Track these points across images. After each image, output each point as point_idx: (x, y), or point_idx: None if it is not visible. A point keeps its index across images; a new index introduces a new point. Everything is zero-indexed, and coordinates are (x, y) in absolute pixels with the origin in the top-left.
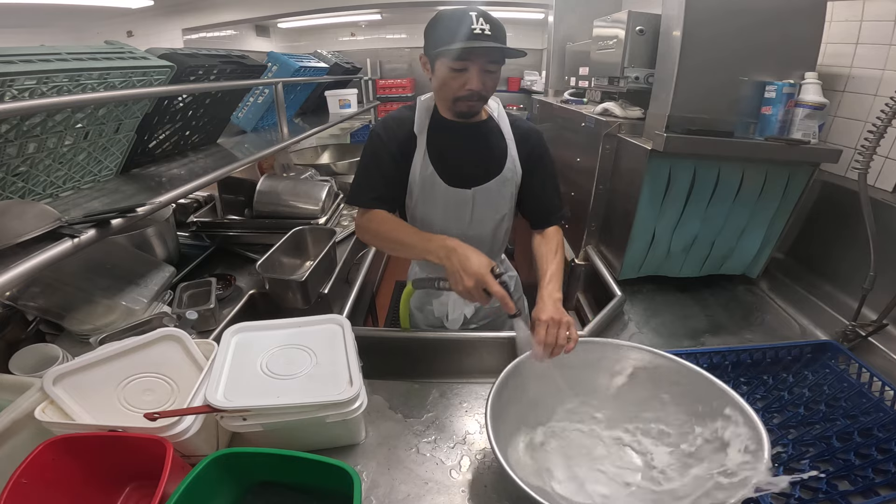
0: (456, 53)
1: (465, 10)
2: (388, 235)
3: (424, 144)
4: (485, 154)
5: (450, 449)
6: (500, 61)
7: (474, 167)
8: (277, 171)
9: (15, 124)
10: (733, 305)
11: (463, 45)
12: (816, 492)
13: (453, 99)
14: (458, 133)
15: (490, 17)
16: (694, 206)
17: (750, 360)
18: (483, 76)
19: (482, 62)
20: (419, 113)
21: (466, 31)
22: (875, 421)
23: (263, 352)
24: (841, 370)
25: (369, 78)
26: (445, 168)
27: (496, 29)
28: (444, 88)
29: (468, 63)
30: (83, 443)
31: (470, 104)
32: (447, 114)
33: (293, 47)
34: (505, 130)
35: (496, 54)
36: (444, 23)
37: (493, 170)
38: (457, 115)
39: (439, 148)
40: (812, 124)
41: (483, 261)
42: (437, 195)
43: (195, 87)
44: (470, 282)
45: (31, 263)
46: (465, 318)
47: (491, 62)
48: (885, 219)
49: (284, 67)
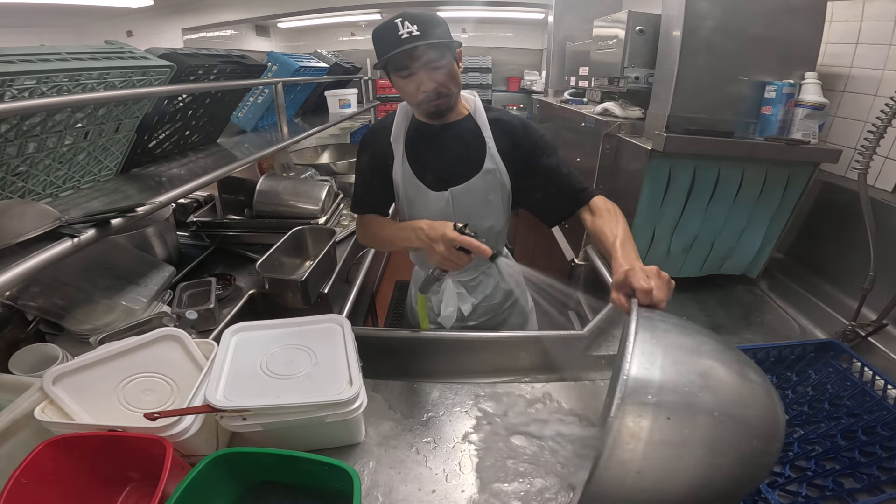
0: (394, 64)
1: (391, 19)
2: (375, 234)
3: (402, 151)
4: (461, 154)
5: (450, 449)
6: (441, 56)
7: (453, 168)
8: (277, 170)
9: (15, 124)
10: (733, 305)
11: (392, 53)
12: (823, 489)
13: (416, 104)
14: (434, 135)
15: (416, 15)
16: (694, 206)
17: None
18: (431, 74)
19: (422, 62)
20: (398, 120)
21: (395, 39)
22: (878, 419)
23: (263, 351)
24: (844, 369)
25: (369, 78)
26: (425, 172)
27: (424, 25)
28: (405, 96)
29: (410, 68)
30: (83, 442)
31: (435, 103)
32: (421, 117)
33: (293, 47)
34: (482, 126)
35: (426, 53)
36: (378, 36)
37: (472, 169)
38: (429, 117)
39: (417, 152)
40: (812, 124)
41: (444, 223)
42: (420, 199)
43: (195, 87)
44: (440, 245)
45: (31, 263)
46: (461, 315)
47: (429, 60)
48: (884, 219)
49: (284, 67)
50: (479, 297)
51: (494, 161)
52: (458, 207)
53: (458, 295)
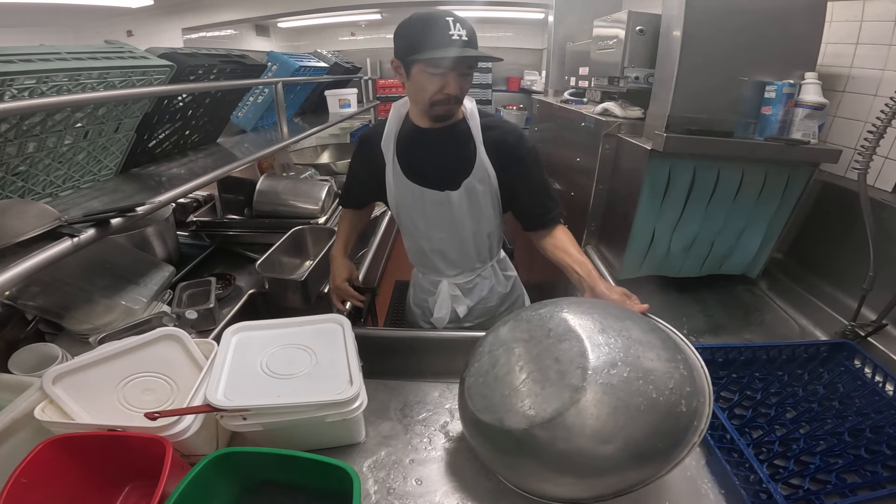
0: (434, 60)
1: (440, 15)
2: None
3: (393, 154)
4: (453, 158)
5: (450, 449)
6: (473, 68)
7: (445, 171)
8: (277, 170)
9: (14, 124)
10: (733, 305)
11: (444, 53)
12: (825, 484)
13: (430, 103)
14: (427, 139)
15: (462, 20)
16: (694, 206)
17: (766, 357)
18: (460, 80)
19: (461, 68)
20: (389, 124)
21: (445, 38)
22: (887, 419)
23: (263, 351)
24: (856, 369)
25: (369, 78)
26: (417, 174)
27: (471, 34)
28: (422, 93)
29: (446, 69)
30: (83, 442)
31: (447, 107)
32: (421, 118)
33: (293, 47)
34: (475, 131)
35: (468, 61)
36: (419, 27)
37: (464, 173)
38: (433, 119)
39: (409, 156)
40: (812, 124)
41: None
42: (415, 201)
43: (195, 87)
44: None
45: (31, 263)
46: (455, 317)
47: (468, 67)
48: (884, 219)
49: (284, 67)
50: (475, 299)
51: (483, 165)
52: (455, 209)
53: (454, 297)
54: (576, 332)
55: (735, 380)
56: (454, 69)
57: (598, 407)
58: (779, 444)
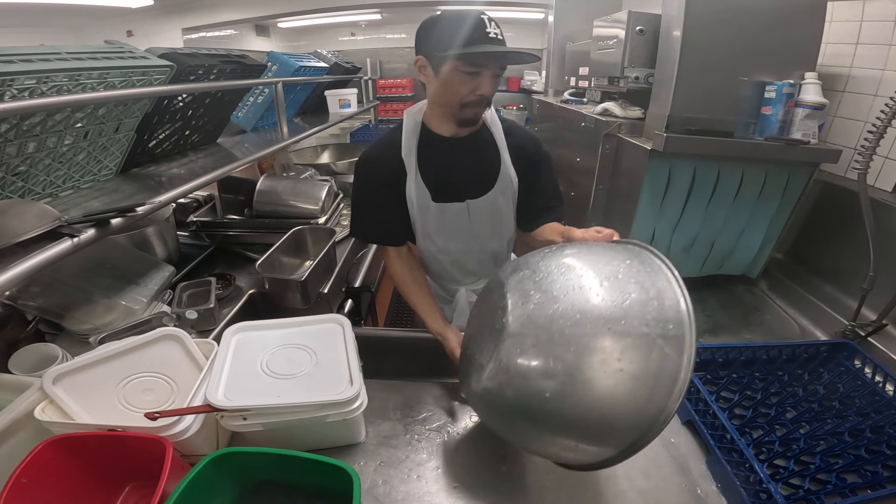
0: (473, 57)
1: (475, 13)
2: (402, 291)
3: (415, 166)
4: (478, 166)
5: (450, 449)
6: (505, 68)
7: (469, 181)
8: (277, 170)
9: (15, 124)
10: (733, 305)
11: (484, 48)
12: (825, 484)
13: (461, 104)
14: (450, 148)
15: (495, 19)
16: (694, 206)
17: (766, 357)
18: (493, 81)
19: (495, 67)
20: (406, 133)
21: (481, 35)
22: (887, 419)
23: (263, 351)
24: (856, 369)
25: (369, 78)
26: (440, 185)
27: (503, 31)
28: (452, 93)
29: (482, 68)
30: (83, 442)
31: (477, 110)
32: (444, 124)
33: (293, 47)
34: (497, 138)
35: (513, 59)
36: (452, 25)
37: (489, 181)
38: (461, 123)
39: (432, 167)
40: (812, 124)
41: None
42: (435, 213)
43: (195, 87)
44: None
45: (31, 263)
46: None
47: (501, 67)
48: (884, 219)
49: (284, 67)
50: None
51: (508, 172)
52: (474, 218)
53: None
54: (500, 279)
55: (735, 380)
56: (489, 68)
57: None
58: (779, 444)
